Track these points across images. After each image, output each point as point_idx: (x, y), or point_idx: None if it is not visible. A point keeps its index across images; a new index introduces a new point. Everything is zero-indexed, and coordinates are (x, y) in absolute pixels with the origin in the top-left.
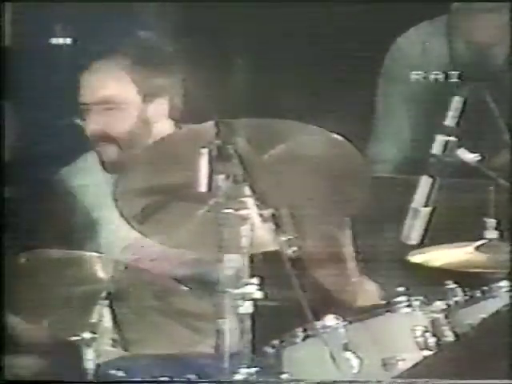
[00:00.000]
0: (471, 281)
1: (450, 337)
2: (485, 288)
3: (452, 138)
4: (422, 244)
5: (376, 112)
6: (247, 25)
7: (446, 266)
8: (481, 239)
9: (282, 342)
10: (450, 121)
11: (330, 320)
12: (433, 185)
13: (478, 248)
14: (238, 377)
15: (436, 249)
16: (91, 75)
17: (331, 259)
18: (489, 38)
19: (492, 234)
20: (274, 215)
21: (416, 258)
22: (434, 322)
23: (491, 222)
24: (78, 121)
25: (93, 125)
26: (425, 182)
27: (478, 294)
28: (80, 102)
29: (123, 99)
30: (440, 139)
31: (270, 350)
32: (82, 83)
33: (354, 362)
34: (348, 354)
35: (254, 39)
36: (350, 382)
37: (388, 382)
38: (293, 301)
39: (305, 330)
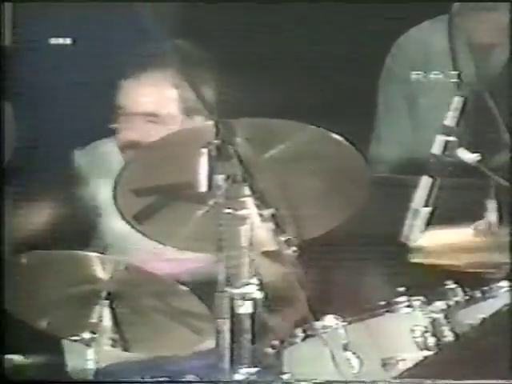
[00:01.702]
0: (471, 281)
1: (449, 337)
2: (485, 288)
3: (452, 138)
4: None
5: (377, 112)
6: (247, 25)
7: (444, 249)
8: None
9: (282, 342)
10: (449, 121)
11: (330, 320)
12: (433, 185)
13: (476, 230)
14: (237, 377)
15: (435, 231)
16: (137, 85)
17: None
18: (490, 39)
19: (493, 217)
20: (273, 215)
21: (416, 242)
22: (433, 322)
23: (492, 204)
24: (113, 125)
25: (129, 133)
26: (425, 182)
27: (478, 294)
28: (118, 106)
29: (166, 114)
30: (440, 139)
31: (269, 350)
32: (125, 90)
33: (354, 362)
34: (348, 354)
35: (253, 39)
36: (349, 382)
37: (388, 382)
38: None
39: (305, 331)
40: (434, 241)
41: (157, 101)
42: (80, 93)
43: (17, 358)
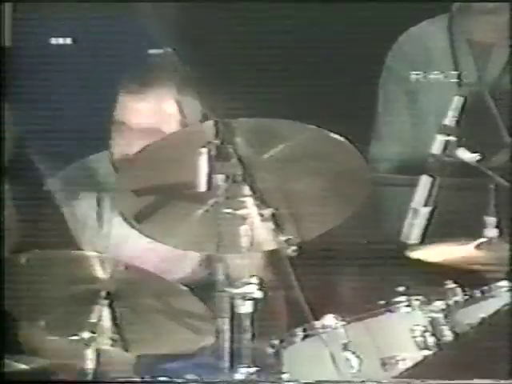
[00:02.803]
0: (471, 280)
1: (449, 336)
2: (484, 288)
3: (452, 138)
4: (422, 242)
5: (377, 111)
6: (248, 25)
7: (446, 263)
8: (480, 238)
9: (282, 341)
10: (449, 120)
11: (330, 320)
12: (432, 184)
13: (477, 246)
14: (237, 376)
15: (435, 246)
16: (142, 100)
17: None
18: (490, 38)
19: (492, 232)
20: (273, 215)
21: (415, 253)
22: (433, 321)
23: (491, 220)
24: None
25: (126, 149)
26: (424, 182)
27: (478, 294)
28: (115, 121)
29: (167, 129)
30: (440, 139)
31: (269, 349)
32: (127, 104)
33: (354, 361)
34: (348, 354)
35: (253, 40)
36: (349, 381)
37: (388, 381)
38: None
39: (304, 330)
40: (433, 257)
41: (157, 116)
42: (80, 93)
43: (17, 359)
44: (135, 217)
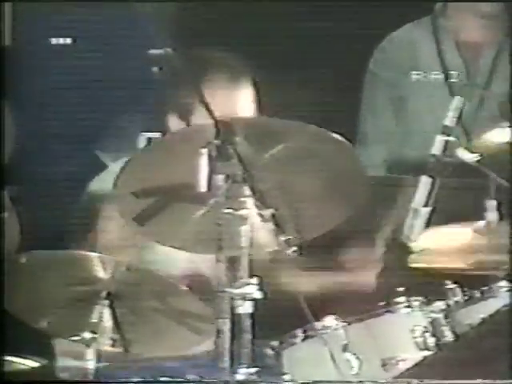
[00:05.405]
0: (471, 281)
1: (449, 337)
2: (484, 288)
3: (451, 138)
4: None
5: (361, 115)
6: (244, 25)
7: (446, 250)
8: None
9: (282, 342)
10: (449, 121)
11: (330, 321)
12: (433, 185)
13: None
14: (237, 377)
15: (434, 231)
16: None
17: None
18: (476, 36)
19: (493, 217)
20: (273, 215)
21: (415, 244)
22: (433, 322)
23: (492, 204)
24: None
25: None
26: (424, 182)
27: (478, 294)
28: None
29: None
30: (440, 139)
31: (269, 350)
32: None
33: (354, 362)
34: (348, 355)
35: (251, 42)
36: (349, 382)
37: (388, 382)
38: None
39: (305, 331)
40: (433, 242)
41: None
42: (80, 93)
43: (17, 359)
44: (135, 218)
